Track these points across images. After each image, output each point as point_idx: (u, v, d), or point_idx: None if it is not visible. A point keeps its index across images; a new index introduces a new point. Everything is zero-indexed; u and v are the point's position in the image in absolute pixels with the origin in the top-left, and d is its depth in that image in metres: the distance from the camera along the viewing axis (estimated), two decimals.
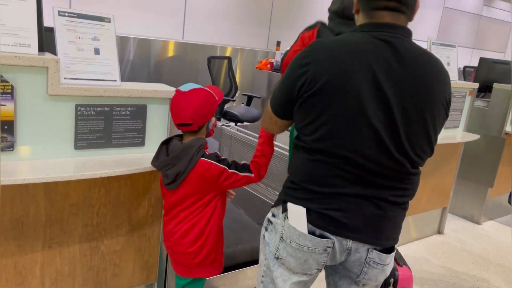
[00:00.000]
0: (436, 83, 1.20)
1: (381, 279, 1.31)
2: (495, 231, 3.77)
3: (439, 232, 3.59)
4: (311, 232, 1.22)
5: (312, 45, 1.23)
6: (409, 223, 3.29)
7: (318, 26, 1.94)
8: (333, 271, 1.38)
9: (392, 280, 2.13)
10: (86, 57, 1.70)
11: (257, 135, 2.54)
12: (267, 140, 1.66)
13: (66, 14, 1.67)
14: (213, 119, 1.68)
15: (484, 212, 3.87)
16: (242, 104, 5.15)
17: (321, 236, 1.21)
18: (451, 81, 3.27)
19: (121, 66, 5.37)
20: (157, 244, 2.05)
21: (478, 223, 3.87)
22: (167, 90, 1.88)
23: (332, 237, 1.21)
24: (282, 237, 1.27)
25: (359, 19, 1.26)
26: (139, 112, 1.84)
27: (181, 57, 5.91)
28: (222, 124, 4.93)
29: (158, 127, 1.91)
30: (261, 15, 6.56)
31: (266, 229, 1.35)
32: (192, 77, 5.97)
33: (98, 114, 1.75)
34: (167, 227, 1.73)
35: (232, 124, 4.89)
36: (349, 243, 1.23)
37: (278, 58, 5.12)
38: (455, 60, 3.15)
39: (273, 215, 1.34)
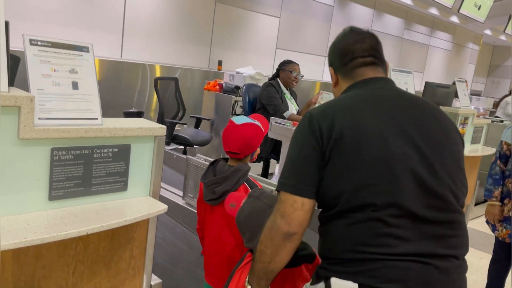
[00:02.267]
0: (442, 115, 1.25)
1: None
2: None
3: None
4: None
5: (310, 111, 1.21)
6: None
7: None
8: None
9: None
10: (63, 92, 1.45)
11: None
12: None
13: (39, 43, 1.42)
14: (258, 149, 1.76)
15: None
16: (185, 126, 4.93)
17: None
18: None
19: None
20: None
21: None
22: (154, 127, 1.67)
23: None
24: None
25: (341, 88, 1.32)
26: (122, 153, 1.62)
27: (117, 77, 5.57)
28: (172, 149, 4.70)
29: (142, 168, 1.69)
30: (202, 34, 6.42)
31: None
32: (129, 98, 5.65)
33: (76, 158, 1.50)
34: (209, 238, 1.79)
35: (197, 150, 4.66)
36: None
37: (226, 79, 5.00)
38: (412, 85, 3.27)
39: None
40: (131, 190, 1.68)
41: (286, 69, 3.65)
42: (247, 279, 1.26)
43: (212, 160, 2.74)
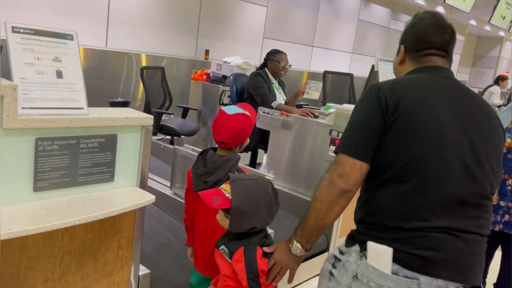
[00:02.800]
0: (492, 112, 1.33)
1: None
2: None
3: None
4: (394, 272, 1.19)
5: (377, 85, 1.28)
6: None
7: None
8: None
9: None
10: (47, 81, 1.42)
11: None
12: None
13: (21, 30, 1.38)
14: (248, 139, 1.75)
15: None
16: (172, 116, 4.87)
17: (406, 277, 1.19)
18: None
19: None
20: None
21: None
22: (141, 117, 1.66)
23: (420, 277, 1.18)
24: (356, 276, 1.25)
25: (405, 68, 1.39)
26: (108, 143, 1.60)
27: (102, 66, 5.48)
28: (159, 139, 4.66)
29: (129, 159, 1.68)
30: (189, 23, 6.35)
31: (334, 266, 1.34)
32: (115, 88, 5.57)
33: (62, 148, 1.48)
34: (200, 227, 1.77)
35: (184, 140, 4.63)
36: (438, 282, 1.19)
37: (213, 68, 4.97)
38: None
39: (341, 252, 1.33)
40: (118, 181, 1.66)
41: (274, 59, 3.63)
42: (292, 243, 1.36)
43: (200, 150, 2.74)
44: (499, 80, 8.93)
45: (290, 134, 3.25)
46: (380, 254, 1.20)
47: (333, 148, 2.95)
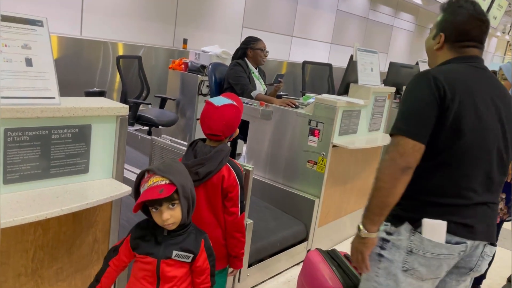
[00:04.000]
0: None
1: (483, 269, 1.49)
2: None
3: None
4: (447, 241, 1.37)
5: (431, 73, 1.38)
6: (345, 222, 3.37)
7: None
8: None
9: None
10: (16, 70, 1.36)
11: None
12: None
13: None
14: (237, 129, 1.76)
15: None
16: (150, 106, 4.80)
17: (457, 243, 1.38)
18: (376, 86, 3.40)
19: None
20: None
21: None
22: (115, 107, 1.61)
23: (468, 241, 1.39)
24: (411, 251, 1.39)
25: (443, 54, 1.49)
26: (82, 134, 1.55)
27: (77, 55, 5.33)
28: (136, 130, 4.58)
29: (104, 150, 1.63)
30: (167, 11, 6.23)
31: (383, 248, 1.44)
32: (91, 77, 5.43)
33: (33, 139, 1.42)
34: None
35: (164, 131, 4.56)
36: (476, 243, 1.41)
37: (192, 58, 4.89)
38: (377, 65, 3.30)
39: (389, 233, 1.44)
40: (93, 172, 1.62)
41: (255, 47, 3.59)
42: (358, 226, 1.42)
43: (178, 140, 2.69)
44: None
45: (270, 125, 3.23)
46: (435, 228, 1.36)
47: (312, 137, 2.95)
